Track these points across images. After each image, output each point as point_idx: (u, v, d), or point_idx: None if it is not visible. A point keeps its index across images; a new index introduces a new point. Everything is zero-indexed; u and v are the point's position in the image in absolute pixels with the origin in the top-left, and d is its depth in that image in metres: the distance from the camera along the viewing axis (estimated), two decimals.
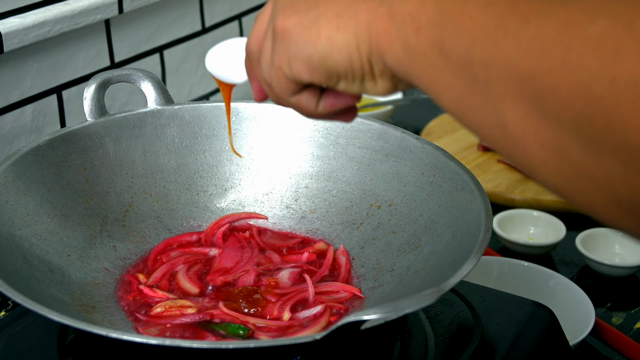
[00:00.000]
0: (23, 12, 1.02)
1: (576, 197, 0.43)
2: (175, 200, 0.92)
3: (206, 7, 1.29)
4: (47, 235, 0.80)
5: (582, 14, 0.41)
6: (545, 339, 0.79)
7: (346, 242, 0.88)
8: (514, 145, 0.45)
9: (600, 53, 0.39)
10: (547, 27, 0.42)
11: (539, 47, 0.42)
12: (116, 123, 0.90)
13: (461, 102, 0.47)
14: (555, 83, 0.41)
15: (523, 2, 0.44)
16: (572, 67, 0.40)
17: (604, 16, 0.40)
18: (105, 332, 0.61)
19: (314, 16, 0.55)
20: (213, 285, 0.82)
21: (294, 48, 0.56)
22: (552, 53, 0.41)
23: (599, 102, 0.39)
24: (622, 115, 0.38)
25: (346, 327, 0.59)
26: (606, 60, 0.39)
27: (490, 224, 0.73)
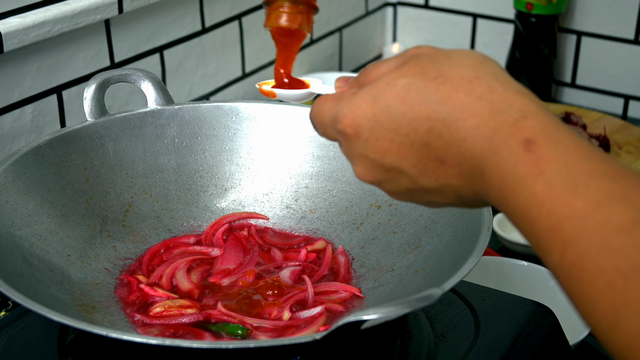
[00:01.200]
0: (23, 12, 1.02)
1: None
2: (175, 200, 0.92)
3: (206, 7, 1.29)
4: (47, 235, 0.80)
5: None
6: (545, 339, 0.79)
7: (346, 242, 0.88)
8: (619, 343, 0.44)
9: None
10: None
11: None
12: (116, 123, 0.90)
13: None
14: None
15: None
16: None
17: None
18: (105, 332, 0.61)
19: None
20: (213, 286, 0.82)
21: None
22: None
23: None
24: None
25: (346, 327, 0.59)
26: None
27: (490, 224, 0.73)
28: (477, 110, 0.51)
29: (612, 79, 1.55)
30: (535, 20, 1.48)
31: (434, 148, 0.52)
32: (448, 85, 0.52)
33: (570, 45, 1.56)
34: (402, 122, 0.53)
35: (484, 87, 0.51)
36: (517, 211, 0.49)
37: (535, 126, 0.49)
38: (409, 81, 0.53)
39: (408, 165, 0.54)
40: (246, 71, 1.42)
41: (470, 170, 0.52)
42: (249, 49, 1.41)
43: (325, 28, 1.59)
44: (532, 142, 0.48)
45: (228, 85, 1.38)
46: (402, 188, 0.56)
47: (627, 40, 1.51)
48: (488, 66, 0.53)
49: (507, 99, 0.51)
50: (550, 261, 0.47)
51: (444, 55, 0.54)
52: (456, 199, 0.55)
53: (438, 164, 0.53)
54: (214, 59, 1.34)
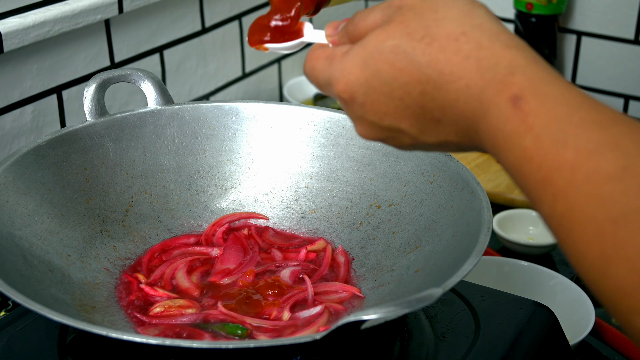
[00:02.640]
0: (23, 12, 1.02)
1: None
2: (175, 200, 0.92)
3: (206, 7, 1.29)
4: (47, 235, 0.80)
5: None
6: (545, 339, 0.79)
7: (346, 242, 0.88)
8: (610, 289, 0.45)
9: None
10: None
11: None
12: (116, 123, 0.90)
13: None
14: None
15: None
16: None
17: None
18: (105, 332, 0.61)
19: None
20: (213, 286, 0.82)
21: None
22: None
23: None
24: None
25: (346, 327, 0.59)
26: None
27: (490, 224, 0.73)
28: (466, 70, 0.51)
29: (612, 79, 1.55)
30: (535, 20, 1.48)
31: (429, 110, 0.53)
32: (435, 45, 0.52)
33: (570, 45, 1.56)
34: (394, 86, 0.53)
35: (471, 44, 0.51)
36: (510, 167, 0.49)
37: (522, 81, 0.49)
38: (396, 43, 0.53)
39: (407, 126, 0.55)
40: (246, 71, 1.42)
41: (466, 128, 0.52)
42: (249, 49, 1.41)
43: None
44: (519, 98, 0.49)
45: (228, 85, 1.38)
46: (405, 144, 0.57)
47: (627, 40, 1.51)
48: (474, 17, 0.53)
49: (495, 55, 0.51)
50: (542, 212, 0.48)
51: (429, 7, 0.54)
52: (458, 149, 0.56)
53: (435, 123, 0.54)
54: (214, 59, 1.34)
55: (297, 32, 0.67)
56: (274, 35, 0.67)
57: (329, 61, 0.57)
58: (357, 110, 0.56)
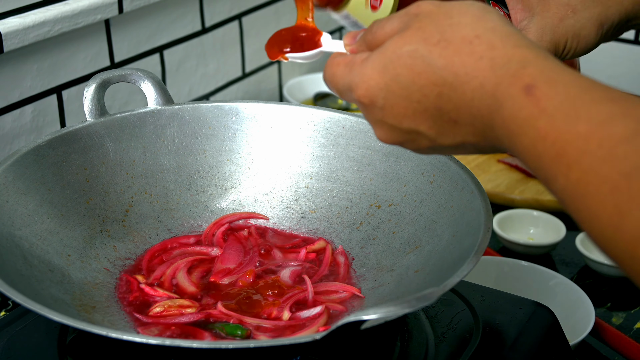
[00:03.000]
0: (23, 12, 1.02)
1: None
2: (175, 200, 0.92)
3: (206, 7, 1.29)
4: (47, 235, 0.80)
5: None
6: (545, 339, 0.79)
7: (346, 242, 0.88)
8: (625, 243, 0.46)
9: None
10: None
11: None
12: (116, 123, 0.90)
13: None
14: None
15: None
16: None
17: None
18: (105, 332, 0.61)
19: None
20: (213, 286, 0.82)
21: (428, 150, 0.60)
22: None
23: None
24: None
25: (346, 327, 0.59)
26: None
27: (490, 224, 0.73)
28: (479, 69, 0.53)
29: (612, 79, 1.55)
30: None
31: (446, 111, 0.55)
32: (450, 49, 0.54)
33: None
34: (412, 89, 0.56)
35: (484, 46, 0.54)
36: (526, 152, 0.51)
37: (534, 72, 0.52)
38: (414, 48, 0.55)
39: (425, 128, 0.57)
40: (246, 71, 1.42)
41: (482, 127, 0.54)
42: (249, 49, 1.41)
43: (325, 28, 1.59)
44: (532, 86, 0.51)
45: (228, 85, 1.38)
46: (423, 147, 0.59)
47: (627, 40, 1.51)
48: (487, 21, 0.55)
49: (507, 54, 0.53)
50: (557, 188, 0.49)
51: (444, 13, 0.56)
52: (476, 150, 0.58)
53: (452, 124, 0.55)
54: (214, 59, 1.34)
55: (315, 42, 0.69)
56: (293, 46, 0.69)
57: (349, 68, 0.60)
58: (377, 114, 0.58)
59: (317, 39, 0.69)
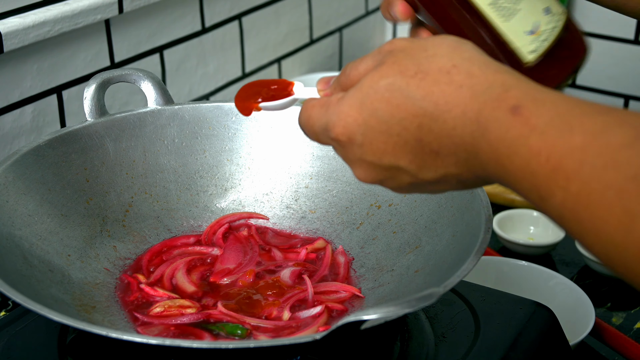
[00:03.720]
0: (23, 12, 1.02)
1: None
2: (175, 200, 0.92)
3: (206, 7, 1.29)
4: (47, 235, 0.80)
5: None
6: (545, 339, 0.79)
7: (346, 242, 0.88)
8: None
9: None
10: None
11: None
12: (116, 123, 0.90)
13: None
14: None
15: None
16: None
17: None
18: (105, 332, 0.61)
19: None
20: (213, 286, 0.82)
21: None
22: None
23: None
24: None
25: (346, 327, 0.59)
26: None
27: (490, 224, 0.73)
28: (460, 98, 0.52)
29: (612, 79, 1.55)
30: None
31: (427, 142, 0.53)
32: (428, 79, 0.53)
33: None
34: (391, 123, 0.54)
35: (462, 75, 0.52)
36: (517, 174, 0.49)
37: (518, 94, 0.50)
38: (390, 81, 0.54)
39: (406, 162, 0.55)
40: (246, 71, 1.42)
41: (465, 156, 0.52)
42: (249, 49, 1.41)
43: (325, 28, 1.59)
44: (518, 106, 0.49)
45: (228, 85, 1.38)
46: (404, 183, 0.57)
47: (627, 40, 1.51)
48: (463, 51, 0.54)
49: (487, 80, 0.52)
50: (554, 204, 0.47)
51: (419, 47, 0.55)
52: (459, 184, 0.56)
53: (434, 156, 0.54)
54: (214, 59, 1.34)
55: (288, 91, 0.68)
56: (266, 96, 0.68)
57: (325, 108, 0.58)
58: (355, 152, 0.57)
59: (289, 88, 0.68)
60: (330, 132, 0.58)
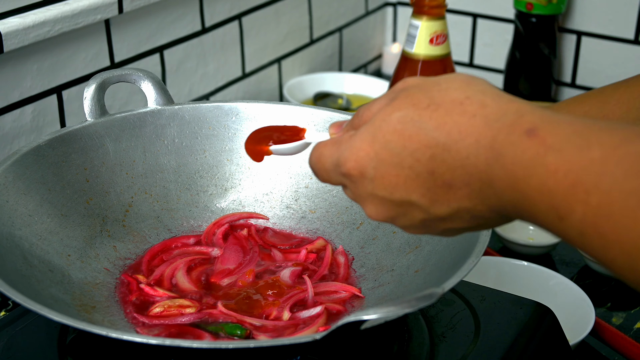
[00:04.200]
0: (23, 12, 1.02)
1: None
2: (175, 200, 0.92)
3: (206, 7, 1.29)
4: (47, 235, 0.80)
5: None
6: (545, 339, 0.79)
7: (346, 242, 0.88)
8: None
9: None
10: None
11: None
12: (116, 123, 0.90)
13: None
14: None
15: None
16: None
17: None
18: (105, 332, 0.61)
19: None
20: (213, 286, 0.82)
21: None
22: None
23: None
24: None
25: (346, 327, 0.59)
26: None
27: None
28: (474, 127, 0.51)
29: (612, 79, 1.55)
30: (535, 20, 1.48)
31: (439, 174, 0.53)
32: (441, 110, 0.53)
33: (570, 45, 1.56)
34: (403, 155, 0.54)
35: (475, 105, 0.52)
36: (535, 196, 0.48)
37: (532, 118, 0.50)
38: (403, 114, 0.54)
39: (418, 196, 0.54)
40: (246, 71, 1.42)
41: (479, 186, 0.52)
42: (249, 49, 1.41)
43: (325, 28, 1.59)
44: (533, 129, 0.49)
45: (228, 85, 1.38)
46: (416, 220, 0.56)
47: (627, 40, 1.51)
48: (476, 85, 0.54)
49: (500, 109, 0.51)
50: (574, 221, 0.46)
51: (432, 82, 0.55)
52: (472, 221, 0.55)
53: (447, 189, 0.53)
54: (214, 59, 1.34)
55: (300, 137, 0.67)
56: (277, 140, 0.68)
57: (337, 145, 0.58)
58: (367, 187, 0.56)
59: (301, 133, 0.67)
60: (341, 167, 0.57)
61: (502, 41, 1.62)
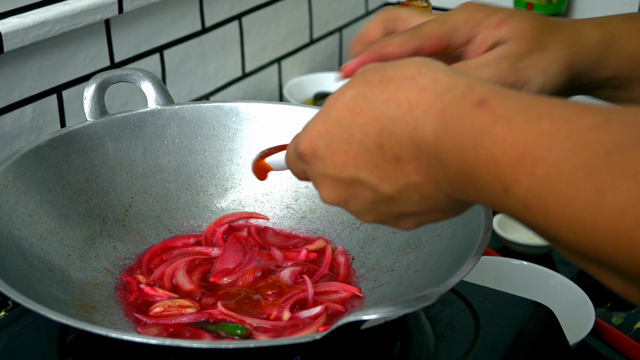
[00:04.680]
0: (23, 12, 1.02)
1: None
2: (175, 200, 0.92)
3: (206, 7, 1.29)
4: (47, 235, 0.80)
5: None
6: (545, 339, 0.79)
7: (346, 242, 0.88)
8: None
9: None
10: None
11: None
12: (116, 123, 0.90)
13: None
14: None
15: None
16: None
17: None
18: (105, 332, 0.61)
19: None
20: (213, 285, 0.82)
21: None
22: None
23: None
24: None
25: (346, 327, 0.59)
26: None
27: (490, 224, 0.73)
28: (423, 99, 0.51)
29: None
30: None
31: (388, 148, 0.53)
32: (392, 85, 0.53)
33: None
34: (353, 130, 0.54)
35: (427, 80, 0.52)
36: (481, 167, 0.48)
37: (483, 90, 0.50)
38: (356, 90, 0.54)
39: (367, 173, 0.54)
40: (246, 71, 1.42)
41: (427, 159, 0.51)
42: (249, 49, 1.41)
43: (325, 28, 1.59)
44: (483, 100, 0.49)
45: (228, 85, 1.38)
46: (367, 203, 0.56)
47: None
48: (431, 63, 0.54)
49: (451, 81, 0.51)
50: (519, 192, 0.46)
51: (389, 63, 0.55)
52: (422, 203, 0.54)
53: (395, 164, 0.53)
54: (214, 59, 1.34)
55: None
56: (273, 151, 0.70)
57: (297, 134, 0.59)
58: (319, 167, 0.56)
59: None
60: (298, 150, 0.58)
61: None
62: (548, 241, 0.48)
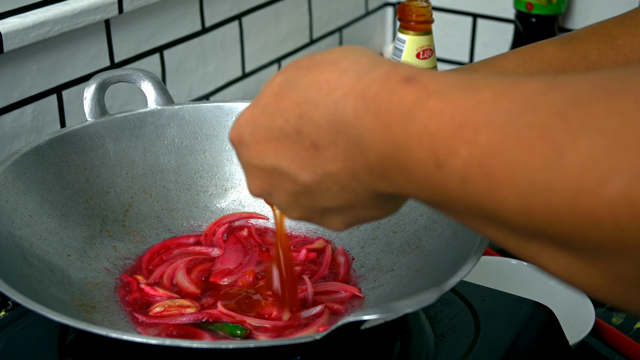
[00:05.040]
0: (23, 12, 1.02)
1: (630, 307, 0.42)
2: (175, 200, 0.92)
3: (206, 7, 1.29)
4: (47, 235, 0.80)
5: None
6: (545, 339, 0.79)
7: (346, 241, 0.88)
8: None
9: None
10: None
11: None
12: (116, 123, 0.90)
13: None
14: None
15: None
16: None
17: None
18: (105, 332, 0.61)
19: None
20: (213, 286, 0.82)
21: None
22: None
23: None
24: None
25: (346, 327, 0.59)
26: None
27: None
28: (344, 80, 0.50)
29: None
30: (535, 20, 1.48)
31: (307, 134, 0.51)
32: (316, 69, 0.52)
33: None
34: (275, 116, 0.53)
35: (349, 63, 0.51)
36: (410, 144, 0.45)
37: (409, 69, 0.48)
38: (284, 77, 0.53)
39: (287, 162, 0.53)
40: (246, 71, 1.42)
41: (345, 144, 0.49)
42: (249, 49, 1.41)
43: (325, 28, 1.59)
44: (411, 77, 0.46)
45: (228, 85, 1.38)
46: (288, 195, 0.55)
47: None
48: (358, 48, 0.52)
49: (373, 62, 0.50)
50: (455, 167, 0.42)
51: (321, 52, 0.54)
52: (342, 195, 0.52)
53: (313, 151, 0.51)
54: (214, 59, 1.34)
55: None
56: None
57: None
58: (244, 155, 0.56)
59: None
60: (229, 139, 0.57)
61: (502, 41, 1.62)
62: (481, 222, 0.44)
